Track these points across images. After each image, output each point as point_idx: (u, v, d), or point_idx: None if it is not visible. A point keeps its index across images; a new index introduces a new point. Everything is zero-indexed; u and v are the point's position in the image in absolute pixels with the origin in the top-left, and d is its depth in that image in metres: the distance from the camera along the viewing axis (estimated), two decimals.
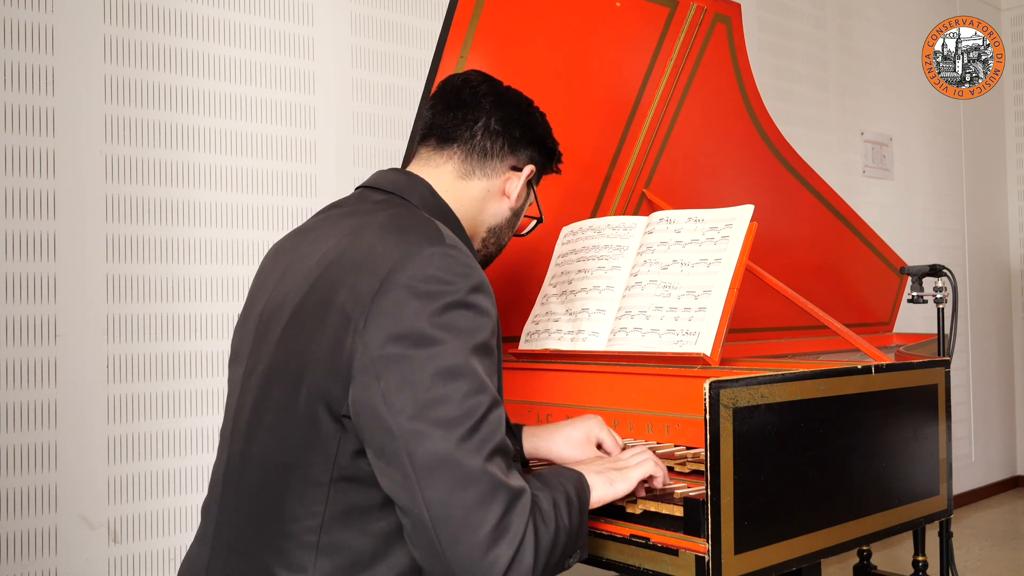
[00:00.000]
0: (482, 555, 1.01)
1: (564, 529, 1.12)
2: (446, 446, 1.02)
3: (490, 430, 1.06)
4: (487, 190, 1.39)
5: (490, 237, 1.44)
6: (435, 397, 1.04)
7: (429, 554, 1.04)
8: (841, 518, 1.45)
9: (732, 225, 1.66)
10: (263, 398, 1.19)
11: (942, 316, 2.41)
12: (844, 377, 1.47)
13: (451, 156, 1.37)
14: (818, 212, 2.64)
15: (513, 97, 1.42)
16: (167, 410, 2.18)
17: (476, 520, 1.01)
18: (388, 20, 2.64)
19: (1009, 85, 5.43)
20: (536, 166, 1.43)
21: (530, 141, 1.41)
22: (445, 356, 1.06)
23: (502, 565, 1.02)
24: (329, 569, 1.10)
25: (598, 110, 2.11)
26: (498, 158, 1.38)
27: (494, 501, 1.02)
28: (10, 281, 1.97)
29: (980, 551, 4.06)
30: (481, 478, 1.02)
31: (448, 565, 1.02)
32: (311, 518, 1.11)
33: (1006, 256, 5.43)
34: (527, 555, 1.04)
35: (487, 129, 1.37)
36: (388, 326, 1.06)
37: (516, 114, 1.40)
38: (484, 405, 1.06)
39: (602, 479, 1.25)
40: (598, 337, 1.72)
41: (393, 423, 1.04)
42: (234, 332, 1.35)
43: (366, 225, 1.22)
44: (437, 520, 1.02)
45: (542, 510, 1.10)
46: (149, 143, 2.17)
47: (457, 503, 1.01)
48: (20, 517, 1.96)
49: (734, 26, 2.28)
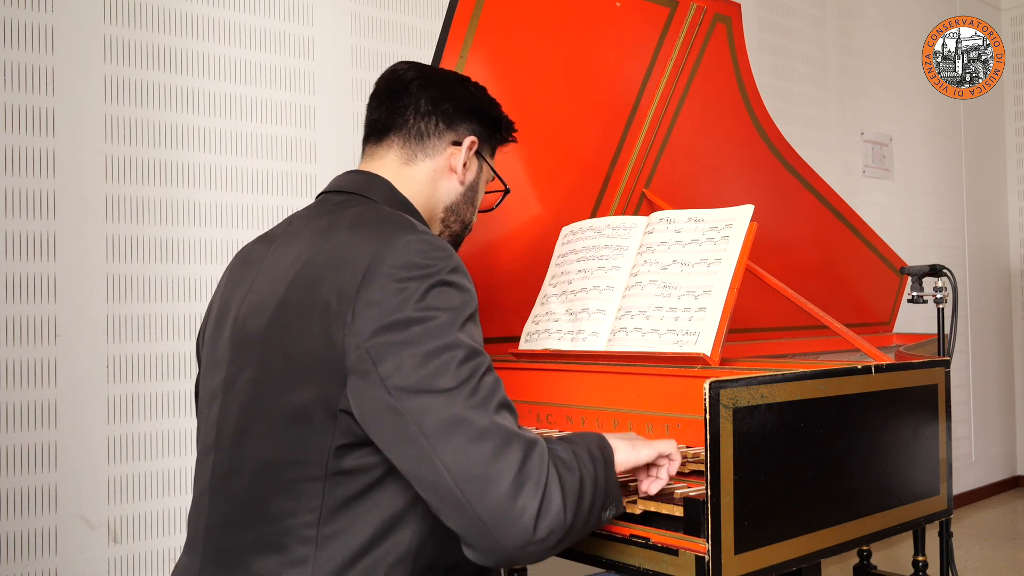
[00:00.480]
0: (511, 503, 1.03)
1: (590, 477, 1.13)
2: (452, 409, 1.05)
3: (490, 388, 1.09)
4: (433, 170, 1.41)
5: (449, 216, 1.45)
6: (432, 371, 1.07)
7: (461, 517, 1.05)
8: (841, 518, 1.45)
9: (732, 225, 1.66)
10: (252, 403, 1.19)
11: (942, 316, 2.41)
12: (844, 377, 1.47)
13: (391, 146, 1.40)
14: (818, 212, 2.64)
15: (442, 76, 1.44)
16: (167, 410, 2.18)
17: (496, 471, 1.03)
18: (388, 20, 2.64)
19: (1009, 85, 5.43)
20: (479, 137, 1.44)
21: (466, 114, 1.42)
22: (434, 334, 1.09)
23: (532, 510, 1.03)
24: (330, 558, 1.12)
25: (598, 110, 2.11)
26: (436, 136, 1.40)
27: (510, 449, 1.05)
28: (10, 281, 1.97)
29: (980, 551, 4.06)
30: (492, 430, 1.05)
31: (481, 522, 1.04)
32: (309, 512, 1.13)
33: (1006, 256, 5.43)
34: (555, 498, 1.05)
35: (418, 111, 1.39)
36: (376, 316, 1.09)
37: (445, 91, 1.41)
38: (481, 368, 1.10)
39: (625, 444, 1.27)
40: (598, 337, 1.72)
41: (397, 404, 1.06)
42: (203, 343, 1.35)
43: (335, 224, 1.23)
44: (459, 480, 1.04)
45: (562, 458, 1.11)
46: (149, 143, 2.17)
47: (474, 459, 1.04)
48: (20, 517, 1.96)
49: (734, 26, 2.28)
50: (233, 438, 1.21)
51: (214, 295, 1.38)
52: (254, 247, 1.36)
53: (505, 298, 2.04)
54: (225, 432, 1.22)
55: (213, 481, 1.23)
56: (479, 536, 1.05)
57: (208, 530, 1.22)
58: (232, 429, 1.21)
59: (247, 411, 1.19)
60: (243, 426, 1.19)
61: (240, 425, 1.20)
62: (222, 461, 1.22)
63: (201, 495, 1.25)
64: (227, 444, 1.21)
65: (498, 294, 2.03)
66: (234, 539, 1.18)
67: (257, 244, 1.36)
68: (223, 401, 1.24)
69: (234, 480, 1.20)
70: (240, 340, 1.23)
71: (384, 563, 1.14)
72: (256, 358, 1.20)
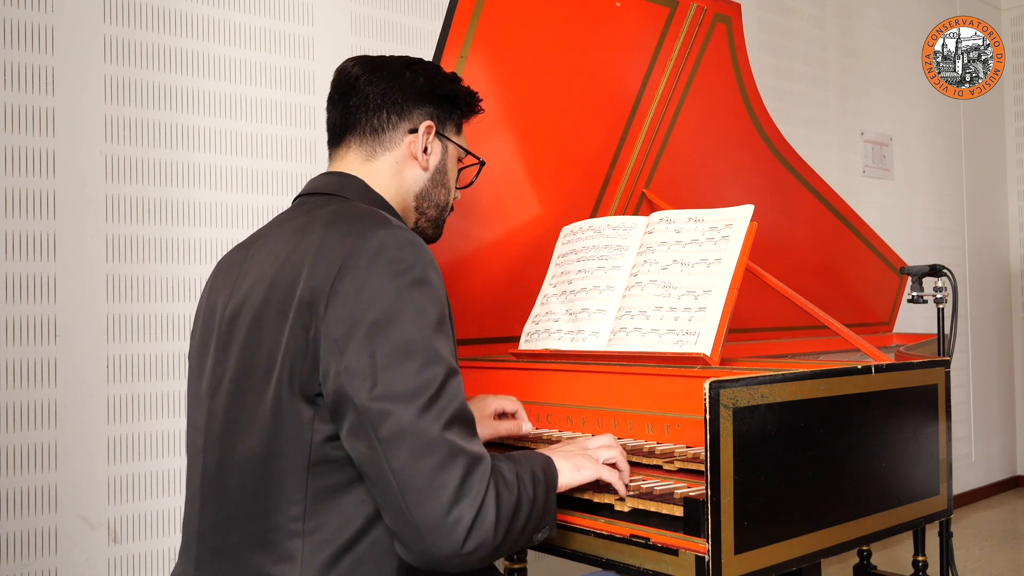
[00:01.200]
0: (445, 515, 1.07)
1: (528, 499, 1.17)
2: (407, 418, 1.08)
3: (448, 399, 1.11)
4: (395, 162, 1.40)
5: (422, 203, 1.45)
6: (394, 372, 1.09)
7: (398, 518, 1.09)
8: (841, 518, 1.45)
9: (732, 225, 1.66)
10: (235, 402, 1.20)
11: (942, 316, 2.41)
12: (844, 377, 1.47)
13: (349, 146, 1.41)
14: (818, 212, 2.64)
15: (388, 65, 1.42)
16: (167, 410, 2.18)
17: (438, 483, 1.07)
18: (388, 20, 2.64)
19: (1009, 85, 5.43)
20: (436, 119, 1.43)
21: (417, 99, 1.41)
22: (402, 332, 1.11)
23: (465, 524, 1.07)
24: (316, 552, 1.13)
25: (598, 110, 2.11)
26: (391, 128, 1.40)
27: (454, 465, 1.08)
28: (10, 281, 1.97)
29: (980, 551, 4.06)
30: (441, 445, 1.08)
31: (415, 526, 1.08)
32: (294, 506, 1.14)
33: (1006, 256, 5.43)
34: (488, 515, 1.09)
35: (368, 108, 1.39)
36: (347, 307, 1.11)
37: (392, 81, 1.40)
38: (440, 376, 1.11)
39: (569, 464, 1.30)
40: (598, 337, 1.72)
41: (356, 399, 1.09)
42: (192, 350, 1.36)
43: (311, 223, 1.25)
44: (402, 486, 1.07)
45: (504, 477, 1.15)
46: (149, 143, 2.17)
47: (419, 470, 1.07)
48: (20, 517, 1.96)
49: (734, 26, 2.28)
50: (220, 439, 1.22)
51: (199, 305, 1.39)
52: (235, 253, 1.37)
53: (505, 298, 2.04)
54: (213, 434, 1.23)
55: (203, 484, 1.24)
56: (412, 540, 1.09)
57: (200, 533, 1.23)
58: (219, 430, 1.22)
59: (232, 410, 1.21)
60: (228, 426, 1.21)
61: (226, 425, 1.21)
62: (211, 463, 1.23)
63: (192, 499, 1.26)
64: (215, 445, 1.23)
65: (498, 294, 2.03)
66: (226, 539, 1.19)
67: (237, 250, 1.37)
68: (210, 404, 1.25)
69: (223, 481, 1.21)
70: (225, 343, 1.25)
71: (373, 553, 1.15)
72: (239, 357, 1.21)
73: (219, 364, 1.25)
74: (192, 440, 1.29)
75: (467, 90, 1.50)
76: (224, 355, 1.24)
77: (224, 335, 1.25)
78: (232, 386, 1.21)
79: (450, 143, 1.47)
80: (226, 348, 1.24)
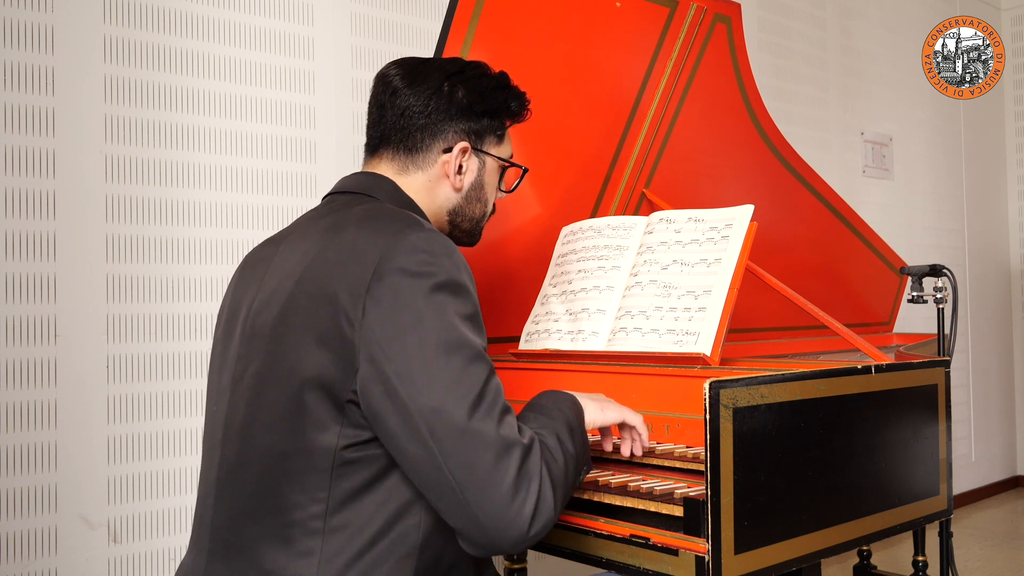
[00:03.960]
0: (508, 506, 1.09)
1: (572, 456, 1.22)
2: (459, 416, 1.10)
3: (494, 394, 1.14)
4: (428, 181, 1.39)
5: (456, 218, 1.44)
6: (439, 373, 1.11)
7: (462, 515, 1.11)
8: (841, 518, 1.45)
9: (732, 225, 1.66)
10: (258, 396, 1.20)
11: (942, 316, 2.41)
12: (844, 377, 1.47)
13: (382, 157, 1.40)
14: (818, 212, 2.64)
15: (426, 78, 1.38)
16: (167, 410, 2.18)
17: (498, 477, 1.09)
18: (388, 20, 2.64)
19: (1009, 85, 5.43)
20: (473, 135, 1.40)
21: (453, 116, 1.38)
22: (443, 331, 1.12)
23: (529, 510, 1.10)
24: (336, 550, 1.13)
25: (598, 110, 2.11)
26: (424, 149, 1.38)
27: (510, 457, 1.11)
28: (10, 281, 1.97)
29: (980, 551, 4.06)
30: (496, 440, 1.10)
31: (480, 522, 1.10)
32: (316, 504, 1.14)
33: (1006, 256, 5.43)
34: (547, 495, 1.13)
35: (401, 125, 1.37)
36: (386, 312, 1.12)
37: (428, 97, 1.37)
38: (484, 373, 1.14)
39: (595, 405, 1.37)
40: (598, 337, 1.72)
41: (408, 401, 1.10)
42: (215, 342, 1.36)
43: (342, 222, 1.24)
44: (463, 484, 1.09)
45: (550, 448, 1.18)
46: (149, 143, 2.17)
47: (479, 466, 1.09)
48: (20, 517, 1.96)
49: (734, 26, 2.28)
50: (240, 432, 1.21)
51: (224, 299, 1.39)
52: (263, 248, 1.37)
53: (505, 298, 2.04)
54: (233, 426, 1.23)
55: (220, 476, 1.23)
56: (478, 534, 1.11)
57: (215, 525, 1.22)
58: (240, 423, 1.22)
59: (254, 404, 1.20)
60: (250, 419, 1.20)
61: (248, 418, 1.21)
62: (229, 455, 1.23)
63: (207, 491, 1.26)
64: (235, 438, 1.22)
65: (498, 294, 2.03)
66: (241, 533, 1.19)
67: (266, 245, 1.37)
68: (231, 396, 1.25)
69: (241, 474, 1.20)
70: (250, 337, 1.25)
71: (392, 555, 1.15)
72: (264, 352, 1.21)
73: (242, 358, 1.25)
74: (210, 432, 1.29)
75: (513, 94, 1.45)
76: (248, 349, 1.24)
77: (250, 329, 1.25)
78: (255, 380, 1.21)
79: (489, 157, 1.44)
80: (251, 342, 1.24)
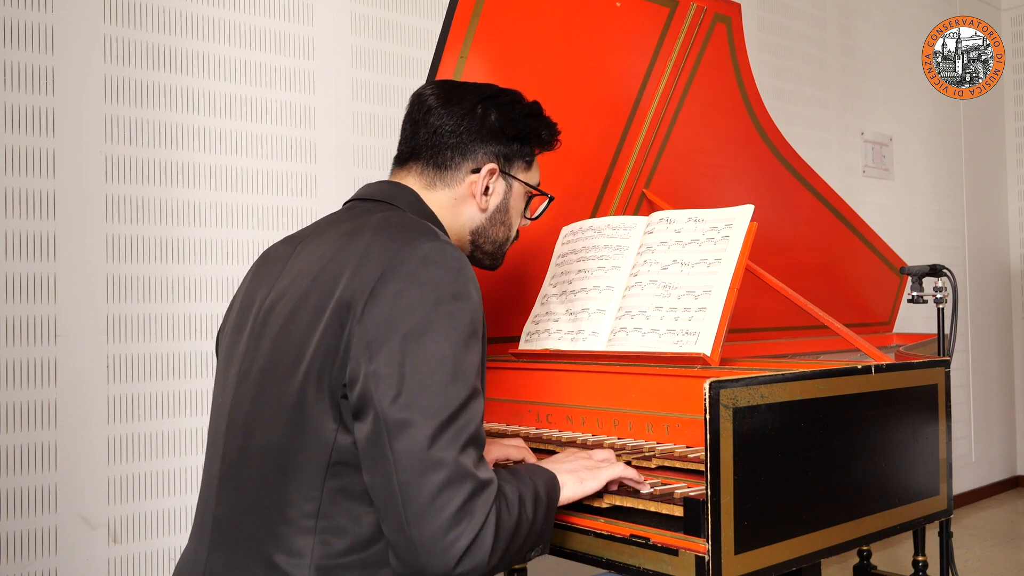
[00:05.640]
0: (443, 534, 1.07)
1: (527, 522, 1.18)
2: (424, 433, 1.09)
3: (467, 420, 1.12)
4: (453, 198, 1.40)
5: (478, 239, 1.45)
6: (420, 384, 1.10)
7: (396, 529, 1.10)
8: (841, 518, 1.45)
9: (732, 225, 1.66)
10: (261, 392, 1.21)
11: (942, 316, 2.41)
12: (844, 377, 1.47)
13: (410, 171, 1.41)
14: (818, 212, 2.64)
15: (461, 99, 1.40)
16: (167, 410, 2.18)
17: (441, 502, 1.08)
18: (388, 20, 2.64)
19: (1009, 85, 5.43)
20: (501, 158, 1.41)
21: (483, 138, 1.40)
22: (433, 345, 1.12)
23: (461, 546, 1.08)
24: (325, 553, 1.14)
25: (598, 110, 2.11)
26: (453, 168, 1.39)
27: (460, 487, 1.09)
28: (10, 281, 1.97)
29: (980, 551, 4.06)
30: (451, 466, 1.09)
31: (412, 541, 1.09)
32: (308, 502, 1.14)
33: (1006, 256, 5.43)
34: (486, 540, 1.10)
35: (432, 142, 1.39)
36: (385, 312, 1.12)
37: (461, 118, 1.39)
38: (463, 395, 1.12)
39: (573, 478, 1.32)
40: (598, 337, 1.72)
41: (378, 405, 1.09)
42: (222, 336, 1.37)
43: (360, 228, 1.26)
44: (406, 499, 1.08)
45: (507, 500, 1.16)
46: (149, 143, 2.17)
47: (425, 486, 1.08)
48: (20, 517, 1.96)
49: (734, 26, 2.28)
50: (243, 427, 1.22)
51: (237, 292, 1.40)
52: (281, 246, 1.38)
53: (505, 298, 2.04)
54: (237, 421, 1.24)
55: (223, 470, 1.24)
56: (406, 553, 1.10)
57: (216, 518, 1.23)
58: (243, 418, 1.23)
59: (257, 400, 1.21)
60: (254, 414, 1.21)
61: (251, 413, 1.22)
62: (232, 449, 1.23)
63: (210, 484, 1.26)
64: (238, 433, 1.23)
65: (498, 294, 2.03)
66: (241, 527, 1.19)
67: (283, 244, 1.38)
68: (236, 391, 1.26)
69: (243, 468, 1.21)
70: (258, 333, 1.26)
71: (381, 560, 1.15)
72: (270, 348, 1.22)
73: (250, 353, 1.26)
74: (215, 425, 1.30)
75: (545, 123, 1.47)
76: (256, 344, 1.25)
77: (259, 325, 1.26)
78: (260, 376, 1.22)
79: (516, 181, 1.45)
80: (259, 338, 1.25)
